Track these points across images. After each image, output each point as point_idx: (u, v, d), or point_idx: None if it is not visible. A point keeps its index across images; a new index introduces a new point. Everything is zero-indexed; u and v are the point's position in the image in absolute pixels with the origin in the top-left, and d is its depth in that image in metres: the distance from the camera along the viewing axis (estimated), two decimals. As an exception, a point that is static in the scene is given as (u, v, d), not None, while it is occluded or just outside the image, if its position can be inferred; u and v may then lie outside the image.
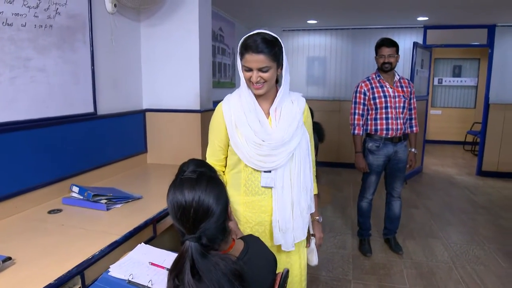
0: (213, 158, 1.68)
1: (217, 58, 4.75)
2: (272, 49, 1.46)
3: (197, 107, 2.95)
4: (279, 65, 1.51)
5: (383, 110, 3.02)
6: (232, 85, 5.41)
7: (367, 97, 3.06)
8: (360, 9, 4.80)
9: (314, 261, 1.75)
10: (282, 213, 1.56)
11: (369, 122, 3.09)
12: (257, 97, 1.55)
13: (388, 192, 3.30)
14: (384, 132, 3.03)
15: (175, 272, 0.96)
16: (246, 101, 1.55)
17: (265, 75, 1.47)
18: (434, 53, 9.01)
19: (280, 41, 1.52)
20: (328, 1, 4.38)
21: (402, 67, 5.86)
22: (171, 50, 2.92)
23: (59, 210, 1.88)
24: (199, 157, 2.98)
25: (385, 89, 3.03)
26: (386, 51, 2.99)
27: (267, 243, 1.51)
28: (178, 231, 1.03)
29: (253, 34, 1.48)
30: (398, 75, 3.13)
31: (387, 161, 3.11)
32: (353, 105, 3.13)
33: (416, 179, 5.84)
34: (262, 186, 1.56)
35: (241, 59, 1.49)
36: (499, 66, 5.74)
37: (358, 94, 3.09)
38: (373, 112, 3.06)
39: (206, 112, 3.06)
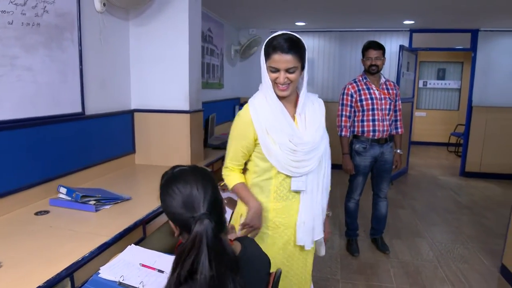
0: (233, 163, 1.66)
1: (205, 59, 4.74)
2: (299, 49, 1.48)
3: (186, 108, 2.94)
4: (303, 66, 1.52)
5: (370, 112, 3.05)
6: (220, 86, 5.40)
7: (354, 99, 3.10)
8: (347, 12, 4.85)
9: (322, 251, 1.79)
10: (309, 215, 1.61)
11: (356, 124, 3.12)
12: (281, 99, 1.54)
13: (375, 193, 3.34)
14: (371, 133, 3.07)
15: (188, 259, 0.92)
16: (274, 105, 1.53)
17: (291, 76, 1.48)
18: (419, 56, 9.17)
19: (303, 42, 1.53)
20: (316, 4, 4.41)
21: (389, 70, 5.95)
22: (160, 50, 2.91)
23: (47, 212, 1.85)
24: (188, 157, 2.99)
25: (371, 91, 3.07)
26: (373, 53, 3.03)
27: (291, 244, 1.64)
28: (181, 223, 1.01)
29: (279, 34, 1.49)
30: (384, 77, 3.18)
31: (373, 162, 3.15)
32: (340, 107, 3.16)
33: (402, 180, 5.93)
34: (293, 191, 1.59)
35: (266, 60, 1.49)
36: (481, 70, 5.87)
37: (345, 96, 3.13)
38: (360, 114, 3.10)
39: (195, 113, 3.06)
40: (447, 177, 6.17)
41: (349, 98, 3.10)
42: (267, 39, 1.51)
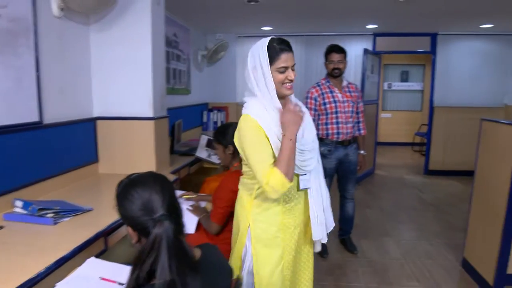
0: (270, 163, 1.55)
1: (171, 64, 4.68)
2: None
3: (150, 115, 2.89)
4: None
5: (333, 115, 3.11)
6: (187, 92, 5.35)
7: (317, 103, 3.14)
8: (313, 16, 4.93)
9: (318, 247, 1.84)
10: (319, 208, 1.72)
11: (320, 127, 3.16)
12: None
13: (341, 195, 3.39)
14: (335, 136, 3.12)
15: (148, 260, 0.91)
16: (274, 112, 1.57)
17: (294, 72, 1.59)
18: (383, 59, 9.44)
19: None
20: (282, 9, 4.46)
21: (354, 73, 6.09)
22: (123, 56, 2.84)
23: (1, 227, 1.76)
24: (153, 165, 2.93)
25: (334, 94, 3.13)
26: (335, 57, 3.09)
27: (304, 242, 1.75)
28: (140, 227, 0.99)
29: (272, 39, 1.57)
30: (346, 80, 3.24)
31: (338, 164, 3.20)
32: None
33: (369, 180, 6.06)
34: (300, 189, 1.66)
35: (272, 63, 1.53)
36: (441, 72, 6.12)
37: (309, 100, 3.16)
38: (324, 117, 3.14)
39: (160, 120, 3.01)
40: (412, 176, 6.37)
41: (313, 101, 3.14)
42: (264, 46, 1.54)
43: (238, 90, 6.43)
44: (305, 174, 1.66)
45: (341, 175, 3.29)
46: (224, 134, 2.24)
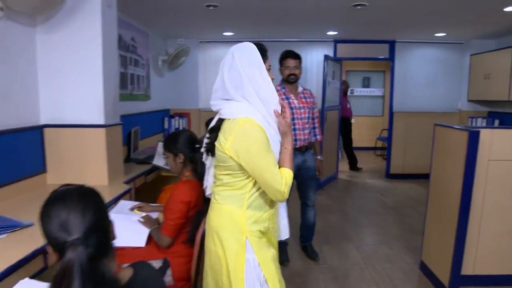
0: None
1: (129, 69, 4.54)
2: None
3: (101, 122, 2.76)
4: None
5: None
6: (147, 98, 5.20)
7: None
8: (274, 23, 4.94)
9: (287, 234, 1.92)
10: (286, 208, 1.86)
11: None
12: None
13: (303, 202, 3.35)
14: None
15: None
16: (269, 116, 1.57)
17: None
18: (346, 65, 9.64)
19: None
20: (242, 14, 4.44)
21: (316, 79, 6.16)
22: (72, 59, 2.70)
23: None
24: (105, 174, 2.80)
25: (290, 100, 3.10)
26: (291, 62, 3.07)
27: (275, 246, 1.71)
28: (58, 248, 0.91)
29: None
30: (302, 86, 3.23)
31: (297, 171, 3.18)
32: None
33: (332, 185, 6.12)
34: None
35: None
36: (400, 78, 6.30)
37: None
38: None
39: (112, 127, 2.88)
40: (374, 180, 6.50)
41: None
42: (253, 47, 1.57)
43: (201, 96, 6.34)
44: None
45: (301, 182, 3.27)
46: (174, 142, 2.17)
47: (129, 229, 2.17)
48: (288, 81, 3.11)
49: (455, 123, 6.40)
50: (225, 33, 5.72)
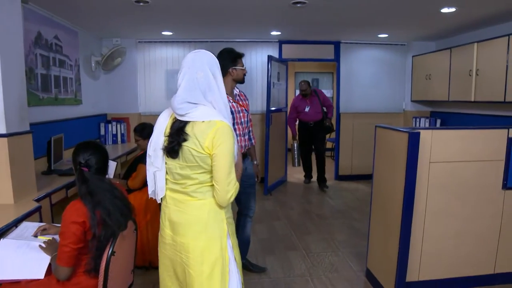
0: None
1: (52, 70, 4.09)
2: None
3: (2, 131, 2.36)
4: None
5: None
6: (77, 102, 4.74)
7: None
8: (214, 22, 4.68)
9: None
10: None
11: None
12: None
13: (243, 214, 3.06)
14: None
15: None
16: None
17: None
18: (295, 67, 9.60)
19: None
20: (178, 13, 4.14)
21: (261, 80, 5.97)
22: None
23: None
24: (9, 190, 2.42)
25: (230, 104, 2.86)
26: (242, 62, 2.81)
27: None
28: None
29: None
30: (237, 88, 2.97)
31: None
32: None
33: (280, 189, 5.95)
34: None
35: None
36: (345, 79, 6.27)
37: None
38: None
39: (17, 137, 2.48)
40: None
41: None
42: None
43: (141, 100, 5.94)
44: None
45: (242, 192, 3.00)
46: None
47: (26, 258, 1.82)
48: (243, 82, 2.84)
49: (400, 124, 6.51)
50: (164, 33, 5.38)
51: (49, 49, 4.05)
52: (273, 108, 5.58)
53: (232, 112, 2.79)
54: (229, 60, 2.73)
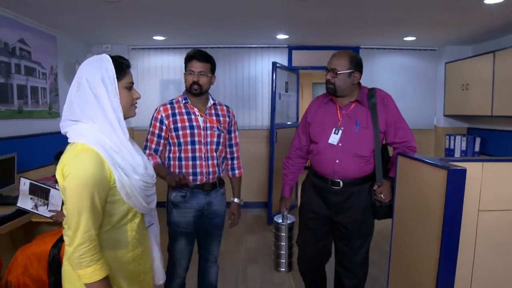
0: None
1: (14, 79, 3.51)
2: None
3: None
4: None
5: (189, 147, 2.13)
6: (52, 115, 4.15)
7: (164, 127, 2.16)
8: (207, 24, 4.03)
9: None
10: (158, 246, 1.58)
11: (171, 162, 2.17)
12: None
13: (202, 256, 2.38)
14: (191, 177, 2.14)
15: None
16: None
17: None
18: (312, 77, 8.84)
19: None
20: (174, 15, 3.54)
21: (268, 91, 5.24)
22: None
23: None
24: None
25: (192, 117, 2.16)
26: (197, 66, 2.12)
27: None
28: None
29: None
30: (213, 99, 2.27)
31: (198, 217, 2.21)
32: (147, 136, 2.21)
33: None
34: (148, 226, 1.50)
35: (120, 79, 1.38)
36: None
37: (153, 122, 2.19)
38: (176, 148, 2.16)
39: None
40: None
41: (158, 124, 2.17)
42: (107, 58, 1.37)
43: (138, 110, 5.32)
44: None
45: (203, 231, 2.30)
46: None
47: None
48: (191, 92, 2.16)
49: (430, 143, 5.59)
50: (155, 37, 4.76)
51: (10, 54, 3.47)
52: (279, 123, 4.81)
53: (192, 127, 2.15)
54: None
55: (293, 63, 5.34)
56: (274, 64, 4.56)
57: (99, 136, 1.28)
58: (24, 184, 2.56)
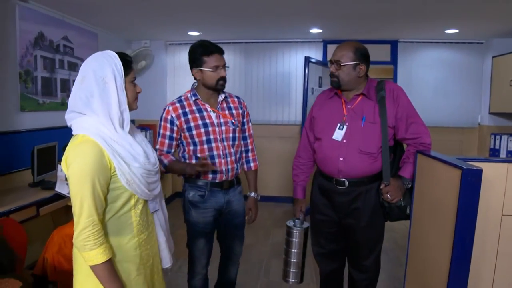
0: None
1: (58, 73, 3.76)
2: None
3: None
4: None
5: (205, 146, 2.11)
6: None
7: (176, 128, 2.13)
8: (241, 18, 4.07)
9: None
10: (165, 231, 1.61)
11: (187, 162, 2.16)
12: None
13: (224, 254, 2.37)
14: (210, 175, 2.13)
15: None
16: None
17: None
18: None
19: None
20: (209, 10, 3.63)
21: (302, 86, 5.20)
22: None
23: None
24: None
25: (204, 114, 2.13)
26: (221, 60, 2.08)
27: (155, 273, 1.55)
28: None
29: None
30: (224, 92, 2.22)
31: (218, 216, 2.21)
32: (157, 138, 2.18)
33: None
34: (152, 212, 1.52)
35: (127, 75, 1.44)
36: (404, 86, 5.08)
37: (162, 123, 2.13)
38: (191, 148, 2.14)
39: None
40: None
41: (168, 125, 2.12)
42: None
43: (171, 106, 5.51)
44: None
45: (223, 232, 2.29)
46: None
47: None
48: (217, 88, 2.13)
49: (473, 142, 5.29)
50: (190, 33, 4.87)
51: (55, 50, 3.71)
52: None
53: (206, 125, 2.10)
54: (194, 58, 2.08)
55: (328, 58, 5.25)
56: (306, 58, 4.52)
57: (99, 128, 1.34)
58: (61, 170, 2.74)
